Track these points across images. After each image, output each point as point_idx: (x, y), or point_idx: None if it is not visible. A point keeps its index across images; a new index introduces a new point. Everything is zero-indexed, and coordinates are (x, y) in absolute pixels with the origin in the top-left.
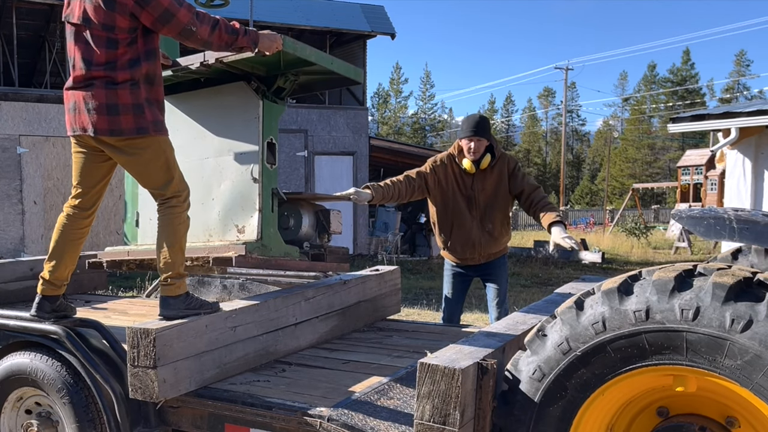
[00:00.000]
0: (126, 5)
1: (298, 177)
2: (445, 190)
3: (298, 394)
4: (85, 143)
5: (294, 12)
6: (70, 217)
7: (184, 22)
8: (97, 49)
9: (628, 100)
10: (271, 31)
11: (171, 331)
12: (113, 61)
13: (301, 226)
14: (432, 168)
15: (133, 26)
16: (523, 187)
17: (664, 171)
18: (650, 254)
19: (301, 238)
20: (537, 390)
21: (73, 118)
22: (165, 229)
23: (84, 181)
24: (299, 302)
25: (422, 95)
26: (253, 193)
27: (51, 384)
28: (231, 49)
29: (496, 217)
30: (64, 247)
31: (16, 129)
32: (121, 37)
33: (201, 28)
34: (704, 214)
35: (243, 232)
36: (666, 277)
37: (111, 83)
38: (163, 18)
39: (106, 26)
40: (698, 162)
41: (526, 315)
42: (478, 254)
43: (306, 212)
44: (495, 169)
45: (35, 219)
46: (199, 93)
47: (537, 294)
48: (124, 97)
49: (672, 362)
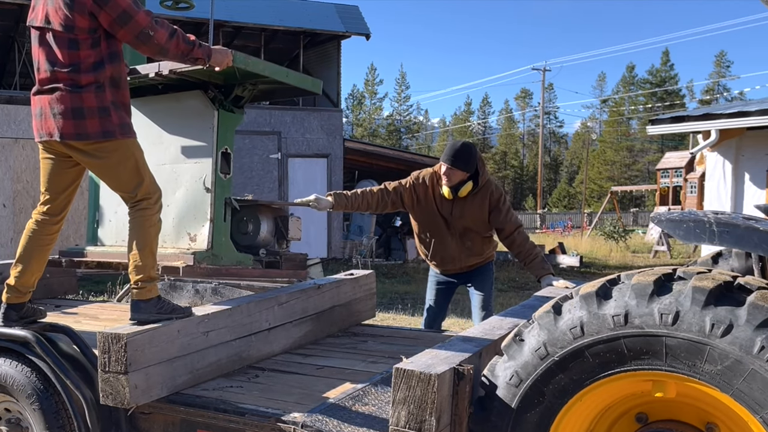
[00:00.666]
0: (84, 4)
1: (272, 180)
2: (423, 208)
3: (271, 400)
4: (53, 149)
5: (267, 12)
6: (39, 223)
7: (143, 25)
8: (60, 50)
9: (607, 102)
10: (222, 47)
11: (143, 336)
12: (76, 64)
13: (260, 232)
14: (412, 185)
15: (93, 27)
16: (504, 225)
17: (643, 174)
18: (629, 258)
19: (259, 243)
20: (514, 396)
21: (40, 123)
22: (136, 231)
23: (52, 186)
24: (273, 307)
25: (397, 97)
26: (206, 202)
27: (20, 390)
28: (186, 59)
29: (476, 238)
30: (31, 254)
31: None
32: (81, 37)
33: (158, 33)
34: (684, 217)
35: (195, 240)
36: (645, 281)
37: (75, 87)
38: (121, 19)
39: (67, 27)
40: (678, 164)
41: (503, 319)
42: (459, 266)
43: (265, 218)
44: (476, 198)
45: (4, 222)
46: (159, 98)
47: (514, 298)
48: (89, 100)
49: (651, 367)
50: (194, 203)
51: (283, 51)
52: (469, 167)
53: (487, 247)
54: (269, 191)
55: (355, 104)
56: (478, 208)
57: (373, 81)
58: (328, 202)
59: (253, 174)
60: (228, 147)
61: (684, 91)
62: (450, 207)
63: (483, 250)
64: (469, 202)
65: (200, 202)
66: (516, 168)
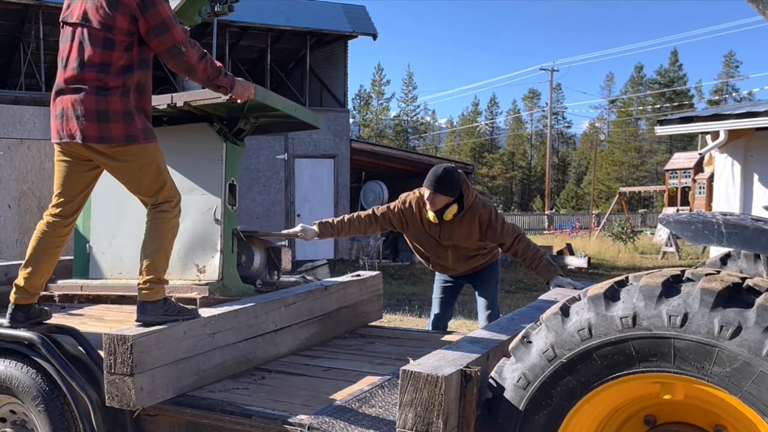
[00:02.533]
0: (128, 6)
1: (278, 181)
2: (413, 231)
3: (278, 402)
4: (72, 151)
5: (274, 12)
6: (50, 225)
7: (177, 39)
8: (93, 48)
9: (615, 102)
10: (245, 80)
11: (148, 337)
12: (107, 65)
13: (253, 263)
14: (400, 209)
15: (131, 30)
16: (503, 239)
17: (651, 174)
18: (637, 259)
19: (252, 274)
20: (522, 398)
21: (61, 125)
22: (153, 232)
23: (67, 190)
24: (279, 308)
25: (405, 97)
26: (215, 233)
27: (26, 392)
28: (210, 84)
29: (472, 250)
30: (41, 255)
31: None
32: (117, 38)
33: (190, 52)
34: (692, 218)
35: (203, 271)
36: (653, 282)
37: (102, 89)
38: (158, 28)
39: (106, 25)
40: (686, 165)
41: (511, 321)
42: (461, 272)
43: (257, 249)
44: (464, 220)
45: (9, 223)
46: (163, 129)
47: (521, 300)
48: (114, 104)
49: (659, 369)
50: (202, 235)
51: (289, 51)
52: (452, 191)
53: (489, 252)
54: (276, 192)
55: (362, 105)
56: (467, 229)
57: (380, 81)
58: (314, 232)
59: (260, 175)
60: (234, 179)
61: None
62: (438, 230)
63: (484, 255)
64: (456, 225)
65: (209, 234)
66: (524, 169)
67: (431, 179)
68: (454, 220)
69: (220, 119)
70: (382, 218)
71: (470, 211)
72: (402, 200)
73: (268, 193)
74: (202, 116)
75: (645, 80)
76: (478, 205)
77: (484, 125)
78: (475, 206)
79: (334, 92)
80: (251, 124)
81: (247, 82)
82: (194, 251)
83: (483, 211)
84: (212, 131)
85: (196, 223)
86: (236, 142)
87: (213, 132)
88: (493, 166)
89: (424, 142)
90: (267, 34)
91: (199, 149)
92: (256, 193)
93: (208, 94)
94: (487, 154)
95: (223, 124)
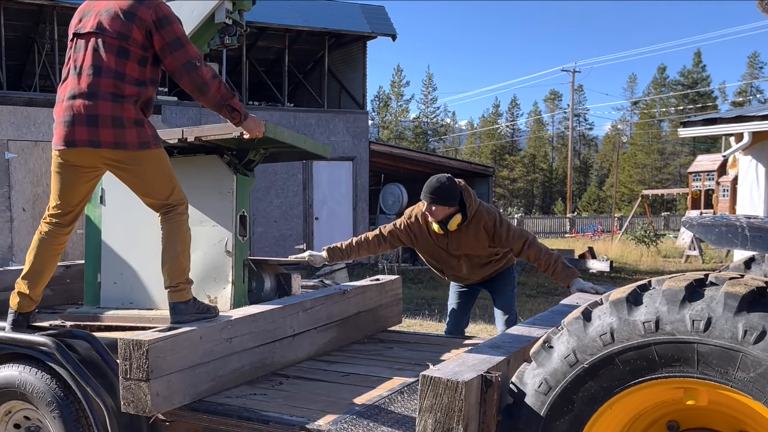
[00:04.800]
0: (145, 21)
1: (296, 183)
2: (423, 244)
3: (296, 408)
4: (75, 159)
5: (291, 12)
6: (49, 233)
7: (191, 55)
8: (107, 55)
9: (638, 104)
10: (256, 117)
11: (164, 342)
12: (122, 73)
13: (263, 289)
14: (406, 225)
15: (145, 45)
16: (512, 244)
17: (674, 177)
18: (660, 263)
19: (262, 300)
20: (543, 403)
21: (69, 131)
22: (173, 234)
23: (65, 197)
24: (297, 313)
25: (424, 98)
26: (227, 265)
27: (40, 398)
28: (224, 105)
29: (484, 257)
30: (44, 262)
31: (4, 133)
32: (132, 49)
33: (204, 69)
34: (716, 221)
35: (215, 303)
36: (676, 286)
37: (119, 96)
38: (173, 45)
39: (121, 35)
40: (710, 167)
41: (531, 326)
42: (476, 280)
43: (267, 275)
44: (470, 229)
45: (24, 227)
46: (173, 160)
47: (543, 304)
48: (129, 111)
49: (682, 375)
50: (213, 266)
51: (307, 52)
52: (451, 201)
53: (503, 258)
54: (293, 195)
55: (381, 106)
56: (474, 237)
57: (400, 82)
58: (322, 258)
59: (277, 177)
60: (245, 210)
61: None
62: (446, 241)
63: (498, 262)
64: (463, 234)
65: (220, 265)
66: (545, 171)
67: (427, 191)
68: (460, 229)
69: (230, 150)
70: (390, 237)
71: (475, 219)
72: (407, 215)
73: (285, 196)
74: (211, 148)
75: (668, 81)
76: (482, 212)
77: (505, 127)
78: (479, 214)
79: (352, 93)
80: (261, 155)
81: (260, 120)
82: (206, 282)
83: (488, 218)
84: (222, 163)
85: (207, 255)
86: (246, 173)
87: (223, 164)
88: (514, 168)
89: (444, 144)
90: (285, 34)
91: (210, 181)
92: (273, 196)
93: (219, 129)
94: (507, 156)
95: (233, 156)
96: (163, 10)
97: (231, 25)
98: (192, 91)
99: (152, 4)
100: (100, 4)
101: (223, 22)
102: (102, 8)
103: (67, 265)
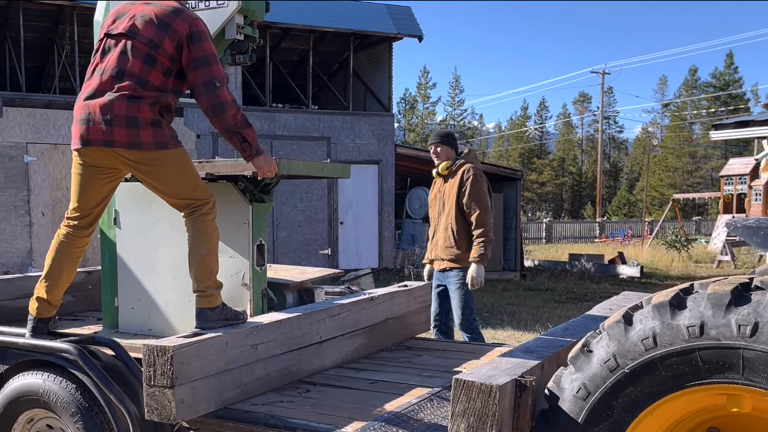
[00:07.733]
0: (178, 34)
1: (321, 187)
2: (433, 198)
3: (323, 415)
4: (93, 159)
5: (316, 13)
6: (68, 236)
7: (215, 74)
8: (134, 59)
9: (668, 106)
10: (269, 155)
11: (189, 348)
12: (145, 79)
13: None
14: (432, 186)
15: (174, 56)
16: (462, 202)
17: (705, 180)
18: (691, 268)
19: None
20: (581, 409)
21: (86, 129)
22: (200, 235)
23: (84, 200)
24: (324, 319)
25: (451, 101)
26: (244, 298)
27: (63, 406)
28: (236, 133)
29: (458, 221)
30: (63, 267)
31: (24, 136)
32: (160, 59)
33: (225, 91)
34: (761, 223)
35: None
36: (721, 290)
37: (134, 97)
38: (200, 61)
39: (152, 43)
40: (742, 171)
41: (565, 331)
42: (436, 253)
43: (289, 291)
44: (455, 176)
45: (43, 231)
46: None
47: (572, 310)
48: (144, 111)
49: (727, 381)
50: (230, 298)
51: (332, 53)
52: (452, 144)
53: (463, 240)
54: (318, 199)
55: (407, 108)
56: (454, 183)
57: (426, 84)
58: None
59: (301, 181)
60: (262, 238)
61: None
62: (442, 185)
63: (460, 239)
64: (450, 179)
65: (238, 297)
66: (574, 175)
67: (433, 135)
68: (449, 175)
69: (245, 177)
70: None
71: (458, 168)
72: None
73: (310, 200)
74: (226, 176)
75: (699, 83)
76: (464, 164)
77: (534, 130)
78: (462, 164)
79: (378, 96)
80: (277, 178)
81: (273, 159)
82: None
83: (465, 170)
84: (237, 192)
85: (224, 285)
86: (263, 198)
87: (238, 193)
88: (542, 172)
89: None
90: (309, 35)
91: (225, 211)
92: (297, 200)
93: (233, 167)
94: (536, 159)
95: (248, 181)
96: (198, 26)
97: (242, 41)
98: (206, 110)
99: (188, 18)
100: (136, 8)
101: (234, 38)
102: (138, 12)
103: (89, 270)
